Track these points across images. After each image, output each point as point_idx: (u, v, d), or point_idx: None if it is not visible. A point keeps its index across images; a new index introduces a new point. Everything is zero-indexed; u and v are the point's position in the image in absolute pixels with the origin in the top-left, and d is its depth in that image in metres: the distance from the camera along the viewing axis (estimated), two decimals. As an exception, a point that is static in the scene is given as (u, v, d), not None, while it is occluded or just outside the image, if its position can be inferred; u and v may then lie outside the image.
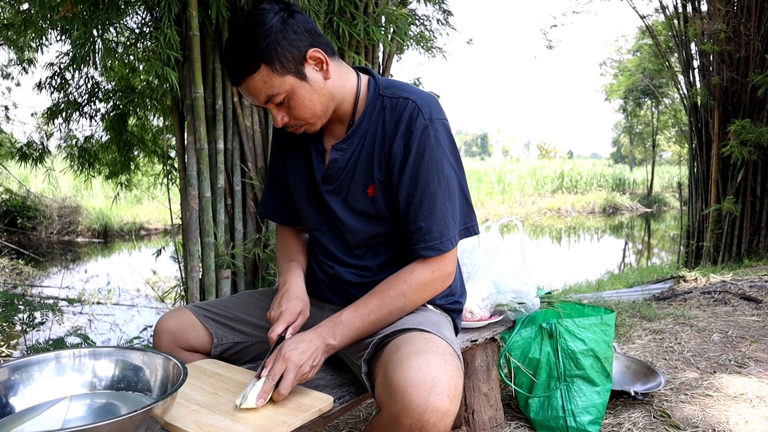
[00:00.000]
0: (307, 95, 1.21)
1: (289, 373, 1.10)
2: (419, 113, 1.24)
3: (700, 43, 6.52)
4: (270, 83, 1.17)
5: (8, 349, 3.67)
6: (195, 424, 1.02)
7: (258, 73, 1.16)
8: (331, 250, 1.38)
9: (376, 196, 1.28)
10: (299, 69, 1.19)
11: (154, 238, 11.90)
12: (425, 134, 1.23)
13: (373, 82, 1.32)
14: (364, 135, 1.29)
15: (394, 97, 1.27)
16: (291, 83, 1.19)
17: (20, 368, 1.04)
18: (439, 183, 1.23)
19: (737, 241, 6.63)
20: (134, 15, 3.08)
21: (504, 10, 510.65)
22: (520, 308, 1.77)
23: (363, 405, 2.13)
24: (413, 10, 3.29)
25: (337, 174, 1.31)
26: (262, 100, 1.20)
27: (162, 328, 1.37)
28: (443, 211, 1.24)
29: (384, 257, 1.34)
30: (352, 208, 1.32)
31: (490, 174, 22.31)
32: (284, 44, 1.16)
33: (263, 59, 1.15)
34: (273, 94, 1.19)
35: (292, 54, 1.18)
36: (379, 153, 1.27)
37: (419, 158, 1.23)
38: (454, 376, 1.02)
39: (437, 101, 1.29)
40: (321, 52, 1.21)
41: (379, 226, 1.31)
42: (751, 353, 2.63)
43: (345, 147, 1.30)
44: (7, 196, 10.39)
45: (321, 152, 1.35)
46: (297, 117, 1.23)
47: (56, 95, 3.65)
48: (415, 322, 1.20)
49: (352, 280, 1.36)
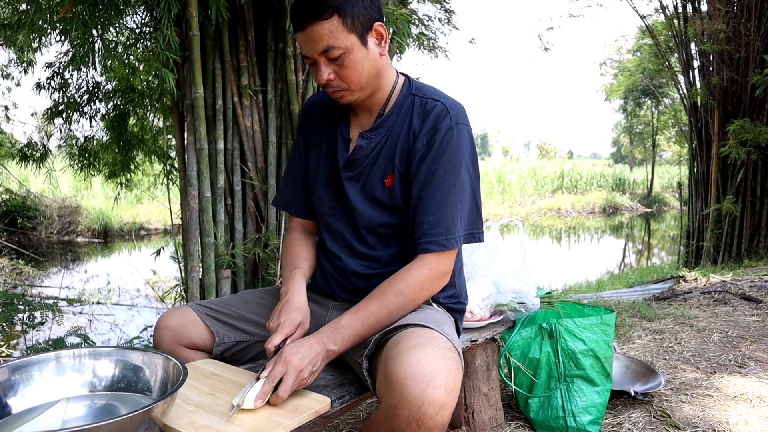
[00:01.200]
0: (362, 60, 1.24)
1: (288, 376, 1.10)
2: (447, 115, 1.28)
3: (700, 43, 6.52)
4: (336, 35, 1.19)
5: (8, 349, 3.67)
6: (191, 425, 1.02)
7: (328, 21, 1.18)
8: (343, 236, 1.39)
9: (393, 186, 1.31)
10: (364, 34, 1.23)
11: (154, 238, 11.89)
12: (449, 134, 1.26)
13: (407, 82, 1.37)
14: (391, 128, 1.33)
15: (425, 98, 1.32)
16: (353, 42, 1.21)
17: (20, 368, 1.04)
18: (453, 183, 1.26)
19: (737, 241, 6.63)
20: (134, 15, 3.08)
21: (504, 9, 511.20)
22: (520, 308, 1.77)
23: (363, 405, 2.13)
24: (413, 10, 3.29)
25: (359, 161, 1.34)
26: (319, 49, 1.21)
27: (163, 325, 1.37)
28: (453, 209, 1.26)
29: (394, 249, 1.35)
30: (369, 196, 1.34)
31: (490, 174, 22.31)
32: (361, 5, 1.20)
33: (338, 10, 1.17)
34: (334, 46, 1.20)
35: (364, 17, 1.21)
36: (403, 146, 1.31)
37: (439, 155, 1.26)
38: (453, 370, 1.03)
39: (464, 109, 1.33)
40: (384, 28, 1.26)
41: (392, 215, 1.33)
42: (751, 353, 2.63)
43: (372, 136, 1.33)
44: (7, 196, 10.38)
45: (346, 140, 1.38)
46: (344, 78, 1.25)
47: (56, 95, 3.65)
48: (416, 318, 1.21)
49: (361, 271, 1.37)
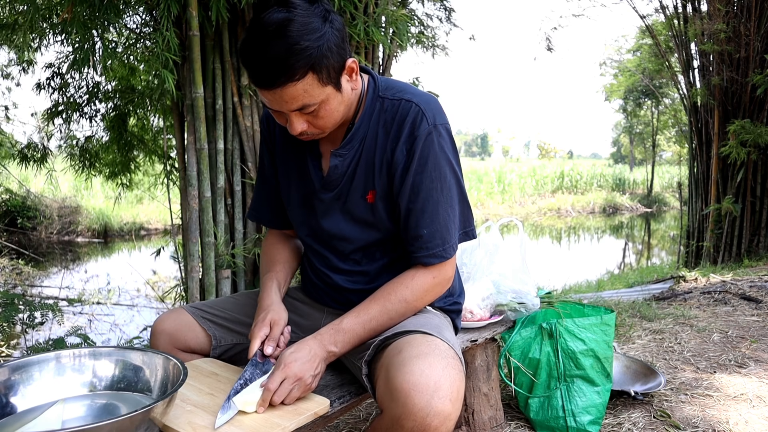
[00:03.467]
0: (336, 105, 1.15)
1: (286, 383, 1.09)
2: (423, 118, 1.19)
3: (700, 43, 6.52)
4: (311, 93, 1.08)
5: (8, 349, 3.67)
6: (189, 425, 1.02)
7: (302, 82, 1.06)
8: (326, 257, 1.35)
9: (375, 202, 1.25)
10: (338, 79, 1.12)
11: (154, 238, 11.89)
12: (429, 140, 1.19)
13: (372, 83, 1.26)
14: (363, 139, 1.24)
15: (395, 99, 1.22)
16: (328, 93, 1.11)
17: (20, 368, 1.04)
18: (441, 190, 1.21)
19: (737, 241, 6.63)
20: (134, 15, 3.08)
21: (504, 9, 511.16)
22: (520, 308, 1.77)
23: (363, 405, 2.13)
24: (413, 10, 3.29)
25: (336, 180, 1.26)
26: (292, 108, 1.10)
27: (159, 329, 1.35)
28: (445, 218, 1.22)
29: (381, 262, 1.31)
30: (351, 215, 1.28)
31: (490, 174, 22.31)
32: (334, 53, 1.08)
33: (313, 68, 1.06)
34: (309, 104, 1.10)
35: (337, 64, 1.10)
36: (380, 158, 1.23)
37: (422, 165, 1.19)
38: (456, 379, 1.02)
39: (439, 103, 1.24)
40: (355, 62, 1.16)
41: (376, 232, 1.28)
42: (751, 353, 2.63)
43: (344, 153, 1.24)
44: (7, 196, 10.37)
45: (317, 157, 1.29)
46: (319, 126, 1.16)
47: (56, 96, 3.65)
48: (416, 324, 1.19)
49: (350, 287, 1.33)
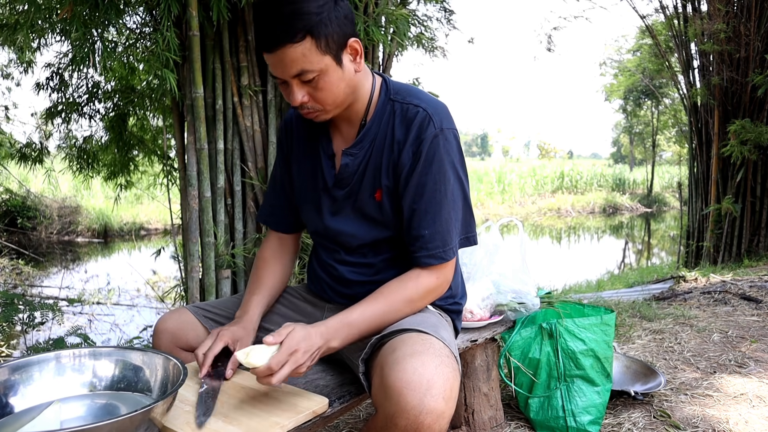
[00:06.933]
0: (338, 80, 1.19)
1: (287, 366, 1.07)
2: (430, 122, 1.23)
3: (700, 43, 6.52)
4: (309, 58, 1.13)
5: (8, 349, 3.67)
6: (187, 425, 1.02)
7: (301, 45, 1.11)
8: (334, 250, 1.39)
9: (383, 200, 1.29)
10: (338, 53, 1.17)
11: (154, 238, 11.89)
12: (435, 143, 1.23)
13: (384, 86, 1.32)
14: (374, 139, 1.29)
15: (405, 103, 1.27)
16: (327, 64, 1.16)
17: (20, 368, 1.04)
18: (444, 193, 1.24)
19: (737, 241, 6.63)
20: (134, 15, 3.08)
21: (504, 9, 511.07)
22: (520, 308, 1.77)
23: (363, 405, 2.13)
24: (413, 10, 3.29)
25: (348, 179, 1.31)
26: (292, 73, 1.15)
27: (161, 328, 1.37)
28: (447, 220, 1.25)
29: (386, 255, 1.35)
30: (361, 212, 1.32)
31: (490, 174, 22.31)
32: (334, 24, 1.14)
33: (312, 32, 1.11)
34: (307, 69, 1.14)
35: (338, 36, 1.15)
36: (388, 159, 1.27)
37: (427, 167, 1.23)
38: (450, 378, 1.02)
39: (447, 109, 1.29)
40: (359, 43, 1.21)
41: (384, 230, 1.32)
42: (751, 353, 2.63)
43: (355, 152, 1.30)
44: (7, 196, 10.38)
45: (330, 156, 1.34)
46: (319, 100, 1.20)
47: (55, 96, 3.65)
48: (413, 322, 1.19)
49: (355, 279, 1.37)
